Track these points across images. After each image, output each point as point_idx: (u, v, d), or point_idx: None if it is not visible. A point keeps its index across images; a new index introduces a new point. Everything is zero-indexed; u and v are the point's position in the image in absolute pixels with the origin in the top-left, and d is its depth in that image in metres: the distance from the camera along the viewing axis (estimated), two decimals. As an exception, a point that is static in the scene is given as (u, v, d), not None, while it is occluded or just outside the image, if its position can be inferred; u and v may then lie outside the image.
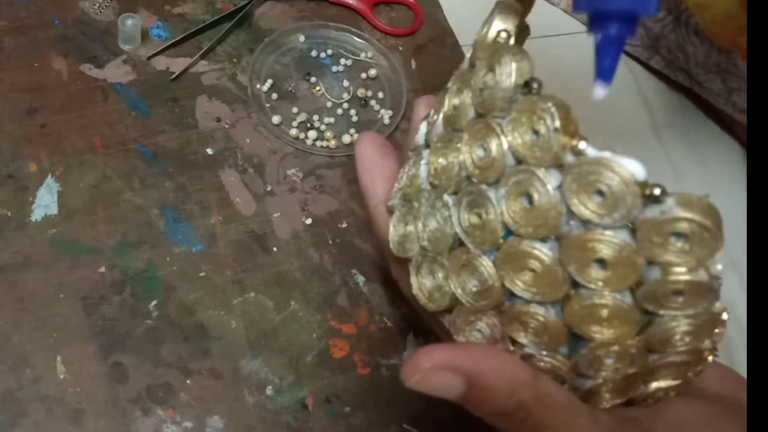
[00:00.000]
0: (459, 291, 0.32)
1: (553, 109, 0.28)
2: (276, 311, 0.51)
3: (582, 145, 0.27)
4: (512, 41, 0.32)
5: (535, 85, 0.29)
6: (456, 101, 0.32)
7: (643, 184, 0.26)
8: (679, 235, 0.27)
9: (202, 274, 0.52)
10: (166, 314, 0.50)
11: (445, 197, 0.32)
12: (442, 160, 0.32)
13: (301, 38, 0.64)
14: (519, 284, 0.29)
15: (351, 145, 0.59)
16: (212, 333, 0.50)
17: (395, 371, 0.50)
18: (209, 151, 0.57)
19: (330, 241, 0.55)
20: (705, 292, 0.28)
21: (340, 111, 0.60)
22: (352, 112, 0.60)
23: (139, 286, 0.51)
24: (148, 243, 0.52)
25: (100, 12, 0.62)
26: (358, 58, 0.63)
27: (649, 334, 0.29)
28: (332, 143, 0.59)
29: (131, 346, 0.48)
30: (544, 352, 0.31)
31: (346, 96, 0.61)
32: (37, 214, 0.52)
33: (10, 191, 0.53)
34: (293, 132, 0.58)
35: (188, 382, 0.48)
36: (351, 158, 0.59)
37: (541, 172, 0.28)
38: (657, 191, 0.26)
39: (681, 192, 0.27)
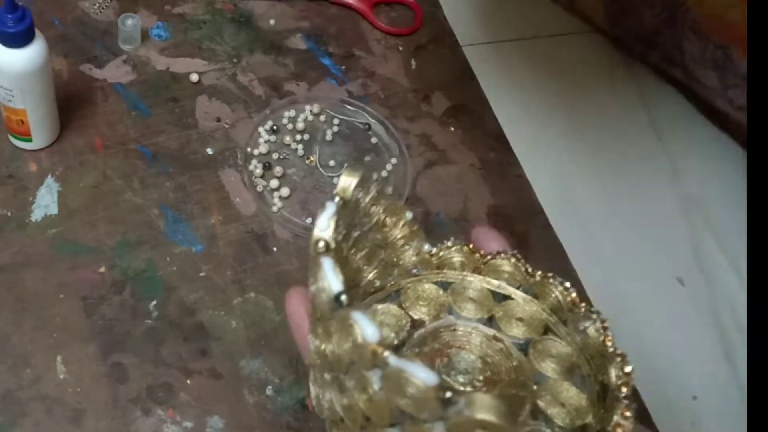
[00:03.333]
0: None
1: (356, 324, 0.31)
2: (276, 311, 0.51)
3: (386, 354, 0.30)
4: (332, 244, 0.36)
5: (342, 299, 0.32)
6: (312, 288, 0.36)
7: (437, 390, 0.29)
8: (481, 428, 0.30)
9: (202, 274, 0.52)
10: (166, 314, 0.50)
11: (326, 375, 0.35)
12: (317, 341, 0.36)
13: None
14: None
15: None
16: (212, 333, 0.50)
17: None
18: (209, 151, 0.57)
19: (330, 241, 0.55)
20: None
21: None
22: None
23: (139, 286, 0.51)
24: (148, 243, 0.52)
25: (100, 12, 0.62)
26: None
27: None
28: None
29: (131, 346, 0.48)
30: None
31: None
32: (37, 214, 0.52)
33: (10, 191, 0.53)
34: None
35: (188, 382, 0.48)
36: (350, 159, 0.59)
37: (367, 374, 0.31)
38: (448, 395, 0.29)
39: (469, 392, 0.31)
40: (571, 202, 0.61)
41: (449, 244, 0.42)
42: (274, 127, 0.59)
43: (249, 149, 0.57)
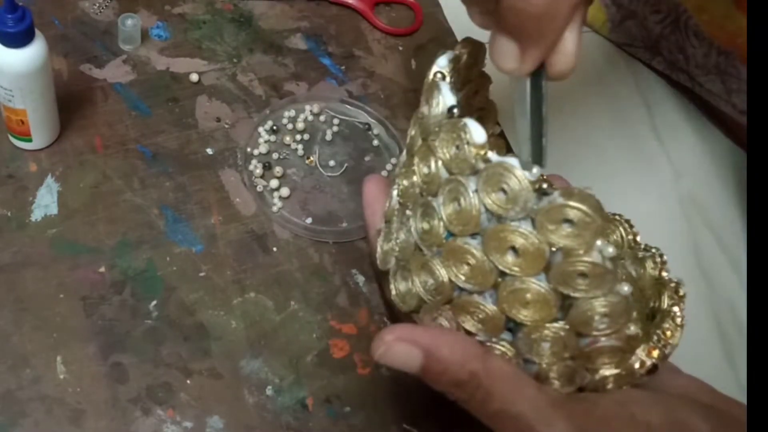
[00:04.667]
0: (421, 290, 0.37)
1: (466, 127, 0.33)
2: (276, 311, 0.51)
3: (489, 154, 0.33)
4: (447, 78, 0.39)
5: (455, 111, 0.35)
6: (412, 132, 0.40)
7: (535, 181, 0.31)
8: (568, 221, 0.31)
9: (202, 274, 0.52)
10: (166, 314, 0.50)
11: (408, 212, 0.38)
12: (405, 182, 0.38)
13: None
14: (461, 277, 0.35)
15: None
16: (212, 333, 0.50)
17: (395, 372, 0.50)
18: (209, 151, 0.57)
19: (330, 241, 0.55)
20: (602, 273, 0.31)
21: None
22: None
23: (139, 286, 0.51)
24: (148, 243, 0.52)
25: (100, 12, 0.62)
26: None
27: (572, 316, 0.33)
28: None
29: (131, 346, 0.48)
30: (493, 339, 0.35)
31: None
32: (37, 214, 0.52)
33: (10, 191, 0.53)
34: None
35: (188, 382, 0.48)
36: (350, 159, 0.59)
37: (463, 179, 0.34)
38: (545, 185, 0.31)
39: (568, 187, 0.32)
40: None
41: None
42: (274, 127, 0.59)
43: (249, 149, 0.57)
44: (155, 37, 0.62)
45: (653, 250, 0.40)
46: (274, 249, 0.54)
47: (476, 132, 0.33)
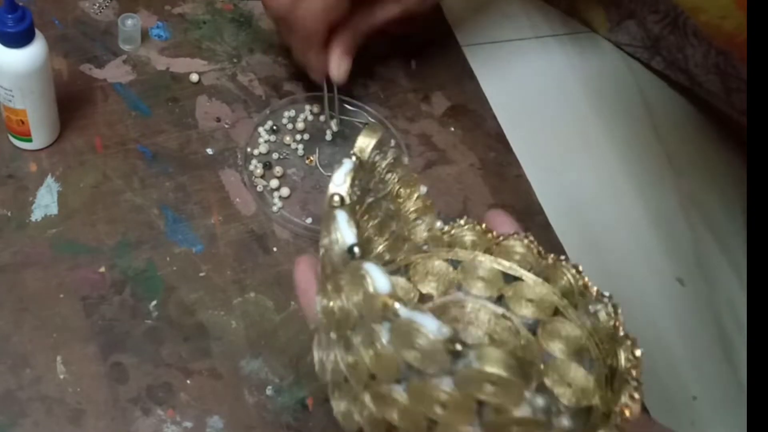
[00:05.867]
0: (358, 419, 0.35)
1: (369, 275, 0.31)
2: (276, 311, 0.51)
3: (396, 306, 0.30)
4: (347, 199, 0.35)
5: (355, 250, 0.33)
6: (321, 252, 0.36)
7: (447, 342, 0.29)
8: (490, 381, 0.30)
9: (202, 274, 0.52)
10: (166, 314, 0.50)
11: (332, 335, 0.35)
12: (324, 300, 0.36)
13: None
14: (394, 417, 0.32)
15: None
16: (212, 333, 0.50)
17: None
18: (209, 151, 0.57)
19: (330, 241, 0.55)
20: (533, 426, 0.30)
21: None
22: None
23: (139, 286, 0.51)
24: (148, 243, 0.52)
25: (100, 12, 0.62)
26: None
27: None
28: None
29: (131, 346, 0.48)
30: None
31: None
32: (37, 214, 0.52)
33: (10, 191, 0.53)
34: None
35: (188, 382, 0.48)
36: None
37: (376, 327, 0.31)
38: (459, 347, 0.29)
39: (480, 344, 0.32)
40: (571, 202, 0.61)
41: (461, 222, 0.41)
42: (274, 127, 0.59)
43: (249, 149, 0.57)
44: (155, 37, 0.62)
45: (605, 300, 0.37)
46: (274, 249, 0.54)
47: (379, 281, 0.30)
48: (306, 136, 0.59)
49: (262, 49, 0.63)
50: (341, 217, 0.34)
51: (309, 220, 0.55)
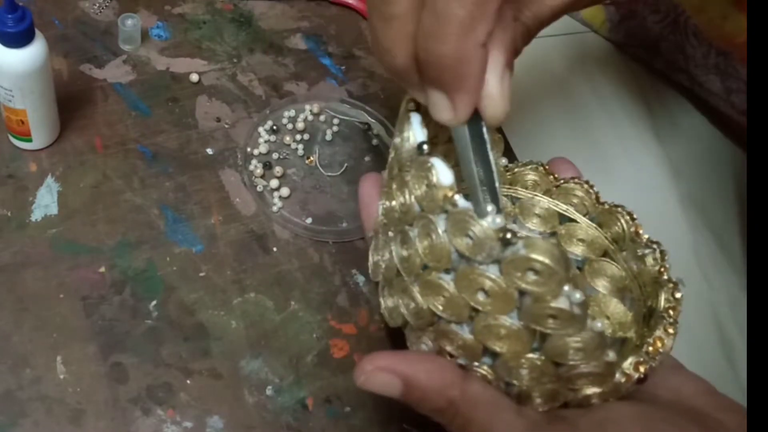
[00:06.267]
0: (404, 311, 0.38)
1: (433, 168, 0.33)
2: (276, 311, 0.51)
3: (456, 197, 0.33)
4: (419, 108, 0.38)
5: (424, 147, 0.35)
6: (392, 154, 0.40)
7: (498, 230, 0.31)
8: (533, 269, 0.31)
9: (202, 274, 0.52)
10: (166, 314, 0.50)
11: (390, 233, 0.38)
12: (387, 202, 0.39)
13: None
14: (438, 307, 0.35)
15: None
16: (212, 333, 0.50)
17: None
18: (209, 151, 0.57)
19: (330, 241, 0.55)
20: (569, 317, 0.32)
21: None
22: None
23: (139, 286, 0.51)
24: (148, 243, 0.52)
25: (100, 12, 0.63)
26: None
27: (547, 349, 0.33)
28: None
29: (131, 346, 0.48)
30: (474, 363, 0.36)
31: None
32: (37, 214, 0.52)
33: (10, 191, 0.53)
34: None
35: (188, 382, 0.48)
36: (349, 159, 0.59)
37: (433, 217, 0.34)
38: (509, 235, 0.31)
39: (531, 236, 0.34)
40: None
41: (525, 162, 0.44)
42: (274, 127, 0.59)
43: (249, 149, 0.57)
44: (155, 37, 0.62)
45: (654, 246, 0.40)
46: (274, 249, 0.54)
47: (443, 174, 0.33)
48: (306, 136, 0.59)
49: (262, 49, 0.63)
50: (415, 118, 0.36)
51: (309, 220, 0.55)
